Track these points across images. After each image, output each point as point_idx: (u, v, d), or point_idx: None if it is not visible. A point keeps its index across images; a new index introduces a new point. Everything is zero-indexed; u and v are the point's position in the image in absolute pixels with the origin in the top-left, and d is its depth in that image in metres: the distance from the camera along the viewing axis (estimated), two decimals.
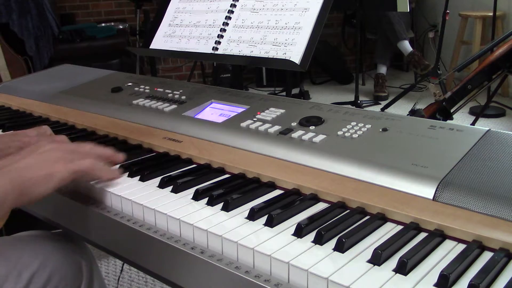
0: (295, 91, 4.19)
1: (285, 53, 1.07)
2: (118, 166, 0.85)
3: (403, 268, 0.55)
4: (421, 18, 5.00)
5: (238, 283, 0.60)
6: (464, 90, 2.03)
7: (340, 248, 0.60)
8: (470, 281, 0.52)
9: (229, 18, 1.21)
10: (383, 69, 4.37)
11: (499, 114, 3.56)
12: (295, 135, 0.86)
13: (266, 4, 1.16)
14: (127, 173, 0.84)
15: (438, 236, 0.62)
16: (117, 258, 0.83)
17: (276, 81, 4.59)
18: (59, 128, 1.11)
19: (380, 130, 0.84)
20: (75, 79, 1.37)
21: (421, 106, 2.21)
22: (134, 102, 1.13)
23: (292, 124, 0.91)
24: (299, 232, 0.63)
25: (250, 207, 0.70)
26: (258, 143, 0.87)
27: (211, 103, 1.08)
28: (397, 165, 0.73)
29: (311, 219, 0.66)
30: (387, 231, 0.65)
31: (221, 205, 0.72)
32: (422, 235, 0.63)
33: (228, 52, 1.17)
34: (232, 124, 0.95)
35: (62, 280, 0.85)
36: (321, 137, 0.84)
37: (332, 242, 0.61)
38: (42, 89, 1.32)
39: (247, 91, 1.17)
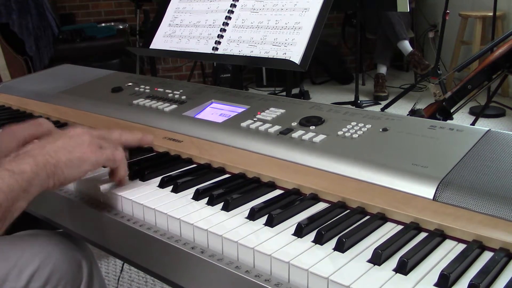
0: (295, 91, 4.19)
1: (285, 53, 1.07)
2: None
3: (403, 268, 0.55)
4: (421, 18, 5.00)
5: (238, 282, 0.60)
6: (464, 90, 2.03)
7: (340, 248, 0.60)
8: (470, 281, 0.52)
9: (229, 18, 1.21)
10: (383, 69, 4.37)
11: (499, 114, 3.56)
12: (295, 135, 0.86)
13: (266, 4, 1.16)
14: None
15: (438, 236, 0.62)
16: (117, 257, 0.83)
17: (276, 81, 4.59)
18: (59, 128, 1.11)
19: (380, 130, 0.84)
20: (75, 79, 1.37)
21: (421, 106, 2.21)
22: (134, 102, 1.13)
23: (292, 124, 0.91)
24: (299, 232, 0.64)
25: (250, 207, 0.70)
26: (258, 143, 0.87)
27: (211, 103, 1.08)
28: (397, 165, 0.73)
29: (311, 219, 0.66)
30: (387, 231, 0.65)
31: (221, 205, 0.72)
32: (422, 235, 0.63)
33: (228, 52, 1.17)
34: (232, 124, 0.95)
35: (62, 279, 0.85)
36: (321, 137, 0.84)
37: (332, 242, 0.61)
38: (42, 89, 1.32)
39: (247, 91, 1.17)
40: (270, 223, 0.66)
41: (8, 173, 0.64)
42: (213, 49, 1.20)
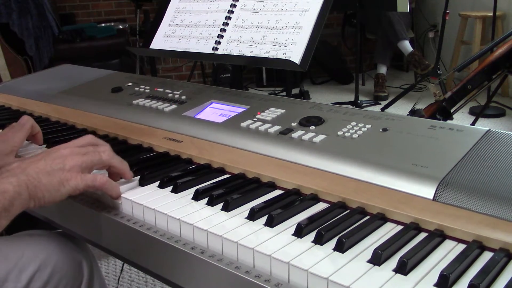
0: (295, 91, 4.19)
1: (285, 53, 1.07)
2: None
3: (403, 268, 0.55)
4: (421, 18, 5.00)
5: (238, 283, 0.60)
6: (464, 90, 2.03)
7: (340, 248, 0.60)
8: (470, 281, 0.52)
9: (229, 18, 1.21)
10: (383, 69, 4.37)
11: (499, 114, 3.56)
12: (295, 135, 0.86)
13: (266, 4, 1.16)
14: None
15: (438, 236, 0.62)
16: (117, 258, 0.83)
17: (276, 81, 4.59)
18: (59, 128, 1.11)
19: (380, 130, 0.84)
20: (75, 79, 1.37)
21: (421, 106, 2.21)
22: (134, 102, 1.13)
23: (292, 124, 0.91)
24: (299, 232, 0.63)
25: (250, 207, 0.70)
26: (258, 143, 0.87)
27: (211, 103, 1.08)
28: (397, 165, 0.73)
29: (311, 219, 0.66)
30: (387, 231, 0.65)
31: (221, 205, 0.72)
32: (422, 235, 0.63)
33: (228, 52, 1.17)
34: (232, 124, 0.95)
35: (62, 280, 0.85)
36: (321, 137, 0.84)
37: (332, 242, 0.61)
38: (42, 89, 1.32)
39: (247, 91, 1.17)
40: (270, 223, 0.66)
41: None
42: (213, 49, 1.20)
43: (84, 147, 0.77)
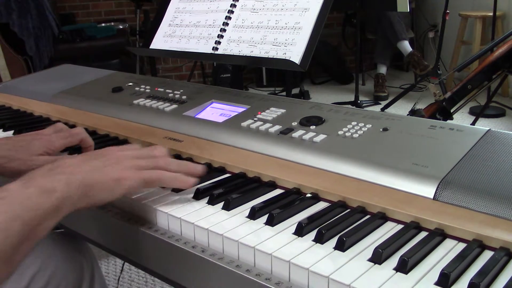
0: (295, 91, 4.19)
1: (285, 53, 1.07)
2: None
3: (403, 267, 0.55)
4: (421, 18, 5.00)
5: (239, 281, 0.60)
6: (464, 90, 2.03)
7: (341, 247, 0.60)
8: (471, 280, 0.52)
9: (229, 18, 1.21)
10: (383, 69, 4.38)
11: (499, 114, 3.56)
12: (295, 134, 0.86)
13: (266, 4, 1.17)
14: None
15: (438, 235, 0.62)
16: (117, 257, 0.83)
17: (276, 81, 4.60)
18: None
19: (380, 130, 0.84)
20: (75, 79, 1.37)
21: (421, 106, 2.21)
22: (135, 102, 1.13)
23: (293, 124, 0.91)
24: (300, 231, 0.64)
25: (251, 206, 0.70)
26: (259, 142, 0.87)
27: (212, 103, 1.08)
28: (398, 164, 0.73)
29: (312, 218, 0.66)
30: (388, 230, 0.65)
31: (222, 204, 0.72)
32: (423, 234, 0.63)
33: (228, 52, 1.17)
34: (232, 123, 0.95)
35: (63, 280, 0.85)
36: (321, 136, 0.84)
37: (333, 241, 0.61)
38: (42, 89, 1.32)
39: (247, 91, 1.17)
40: (270, 222, 0.66)
41: (37, 190, 0.60)
42: (213, 49, 1.20)
43: (138, 150, 0.75)
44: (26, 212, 0.58)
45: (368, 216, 0.68)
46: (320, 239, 0.62)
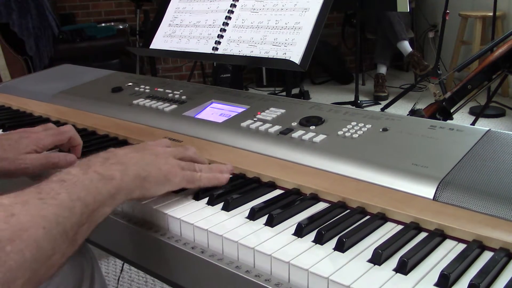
0: (295, 91, 4.19)
1: (285, 53, 1.07)
2: None
3: (403, 268, 0.55)
4: (421, 18, 5.00)
5: (239, 282, 0.60)
6: (464, 90, 2.03)
7: (341, 247, 0.60)
8: (471, 280, 0.52)
9: (229, 18, 1.21)
10: (383, 69, 4.38)
11: (499, 114, 3.56)
12: (295, 135, 0.86)
13: (266, 4, 1.16)
14: None
15: (438, 236, 0.62)
16: (117, 258, 0.83)
17: (276, 81, 4.60)
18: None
19: (380, 130, 0.84)
20: (75, 79, 1.37)
21: (421, 106, 2.21)
22: (135, 102, 1.13)
23: (293, 124, 0.91)
24: (300, 231, 0.63)
25: (251, 207, 0.70)
26: (259, 143, 0.87)
27: (211, 103, 1.08)
28: (397, 165, 0.73)
29: (312, 218, 0.66)
30: (388, 230, 0.65)
31: (221, 204, 0.72)
32: (423, 234, 0.63)
33: (228, 52, 1.17)
34: (232, 124, 0.95)
35: (63, 281, 0.85)
36: (321, 137, 0.84)
37: (333, 242, 0.61)
38: (42, 89, 1.32)
39: (247, 91, 1.17)
40: (270, 223, 0.66)
41: (97, 176, 0.62)
42: (213, 49, 1.20)
43: (176, 149, 0.77)
44: (86, 195, 0.60)
45: (367, 217, 0.68)
46: (319, 240, 0.62)
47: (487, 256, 0.58)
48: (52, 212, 0.56)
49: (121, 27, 4.56)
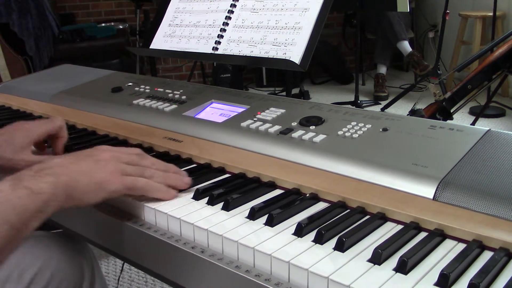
0: (295, 91, 4.19)
1: (285, 53, 1.07)
2: None
3: (403, 267, 0.55)
4: (421, 18, 5.00)
5: (238, 282, 0.60)
6: (464, 90, 2.03)
7: (341, 247, 0.60)
8: (470, 280, 0.52)
9: (229, 18, 1.21)
10: (383, 69, 4.38)
11: (499, 114, 3.56)
12: (295, 135, 0.86)
13: (266, 4, 1.17)
14: None
15: (438, 236, 0.62)
16: (117, 257, 0.83)
17: (276, 81, 4.60)
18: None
19: (380, 130, 0.84)
20: (75, 79, 1.37)
21: (421, 106, 2.21)
22: (135, 102, 1.13)
23: (293, 124, 0.91)
24: (300, 231, 0.64)
25: (251, 206, 0.70)
26: (259, 143, 0.87)
27: (212, 103, 1.08)
28: (397, 165, 0.73)
29: (312, 218, 0.66)
30: (387, 230, 0.65)
31: (221, 204, 0.72)
32: (422, 234, 0.63)
33: (228, 52, 1.17)
34: (232, 124, 0.95)
35: (63, 281, 0.85)
36: (321, 137, 0.84)
37: (333, 242, 0.61)
38: (42, 89, 1.32)
39: (247, 91, 1.17)
40: (270, 223, 0.66)
41: (26, 191, 0.61)
42: (213, 49, 1.20)
43: (128, 154, 0.75)
44: (14, 215, 0.59)
45: (367, 217, 0.68)
46: (319, 240, 0.62)
47: (487, 256, 0.58)
48: None
49: (121, 27, 4.56)
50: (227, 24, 1.21)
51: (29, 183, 0.62)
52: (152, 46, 1.34)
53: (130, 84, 1.26)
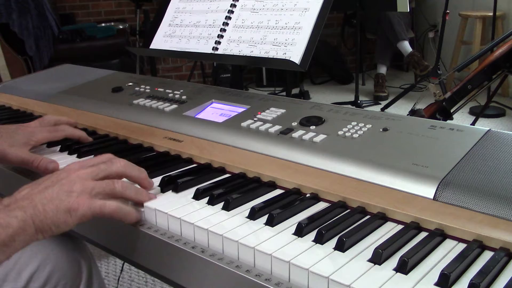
0: (295, 91, 4.19)
1: (285, 53, 1.07)
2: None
3: (403, 267, 0.55)
4: (421, 18, 5.00)
5: (239, 282, 0.60)
6: (464, 90, 2.03)
7: (341, 247, 0.60)
8: (471, 280, 0.52)
9: (229, 18, 1.21)
10: (383, 69, 4.38)
11: (499, 114, 3.56)
12: (295, 135, 0.86)
13: (266, 4, 1.17)
14: None
15: (438, 236, 0.62)
16: (117, 257, 0.83)
17: (276, 81, 4.60)
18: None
19: (380, 130, 0.84)
20: (75, 79, 1.37)
21: (421, 106, 2.21)
22: (135, 102, 1.13)
23: (293, 124, 0.91)
24: (300, 231, 0.64)
25: (251, 206, 0.70)
26: (259, 142, 0.87)
27: (212, 103, 1.08)
28: (398, 165, 0.73)
29: (312, 218, 0.66)
30: (388, 230, 0.65)
31: (221, 204, 0.72)
32: (423, 234, 0.63)
33: (228, 52, 1.17)
34: (232, 124, 0.95)
35: (61, 279, 0.85)
36: (321, 137, 0.84)
37: (333, 242, 0.61)
38: (42, 89, 1.32)
39: (247, 91, 1.17)
40: (270, 223, 0.66)
41: None
42: (213, 49, 1.20)
43: (96, 166, 0.72)
44: None
45: (368, 217, 0.68)
46: (320, 240, 0.62)
47: (487, 256, 0.58)
48: None
49: (121, 27, 4.56)
50: (227, 24, 1.21)
51: None
52: (152, 46, 1.34)
53: (130, 84, 1.26)
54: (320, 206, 0.72)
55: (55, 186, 0.68)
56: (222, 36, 1.20)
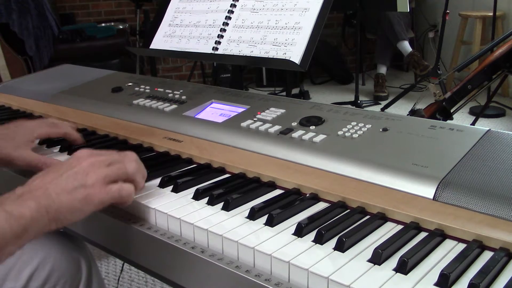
0: (295, 91, 4.19)
1: (285, 53, 1.07)
2: None
3: (403, 268, 0.55)
4: (421, 18, 5.00)
5: (239, 282, 0.60)
6: (464, 90, 2.03)
7: (341, 247, 0.60)
8: (470, 280, 0.52)
9: (229, 18, 1.21)
10: (383, 69, 4.37)
11: (499, 114, 3.56)
12: (295, 135, 0.86)
13: (266, 4, 1.16)
14: None
15: (438, 236, 0.62)
16: (117, 257, 0.83)
17: (276, 81, 4.60)
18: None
19: (380, 130, 0.84)
20: (75, 79, 1.37)
21: (421, 106, 2.21)
22: (135, 102, 1.13)
23: (293, 124, 0.91)
24: (300, 231, 0.64)
25: (251, 206, 0.70)
26: (259, 143, 0.87)
27: (212, 103, 1.08)
28: (397, 165, 0.73)
29: (312, 218, 0.66)
30: (387, 230, 0.65)
31: (221, 204, 0.72)
32: (423, 234, 0.63)
33: (228, 52, 1.17)
34: (232, 124, 0.95)
35: (61, 278, 0.85)
36: (321, 137, 0.84)
37: (333, 242, 0.61)
38: (42, 89, 1.32)
39: (247, 91, 1.17)
40: (270, 223, 0.66)
41: (5, 215, 0.59)
42: (213, 49, 1.20)
43: (109, 156, 0.72)
44: None
45: (367, 217, 0.68)
46: (319, 240, 0.62)
47: (487, 256, 0.58)
48: None
49: (121, 27, 4.56)
50: (227, 24, 1.21)
51: (10, 207, 0.60)
52: (152, 46, 1.34)
53: (130, 84, 1.26)
54: (320, 206, 0.72)
55: (68, 175, 0.67)
56: (222, 36, 1.20)
